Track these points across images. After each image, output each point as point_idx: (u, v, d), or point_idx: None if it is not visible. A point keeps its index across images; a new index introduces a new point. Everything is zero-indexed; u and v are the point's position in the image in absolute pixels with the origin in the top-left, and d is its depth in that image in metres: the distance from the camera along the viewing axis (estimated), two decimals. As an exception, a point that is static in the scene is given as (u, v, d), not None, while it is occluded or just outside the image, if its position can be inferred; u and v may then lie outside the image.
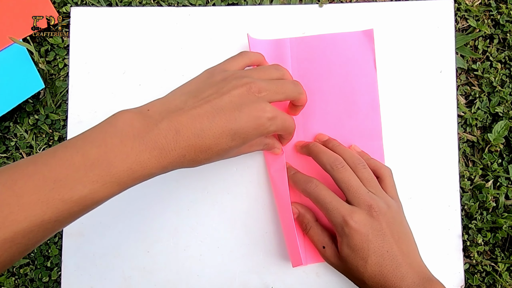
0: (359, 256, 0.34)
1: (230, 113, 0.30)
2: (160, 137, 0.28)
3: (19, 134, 0.42)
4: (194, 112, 0.29)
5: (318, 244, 0.38)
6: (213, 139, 0.30)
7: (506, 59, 0.43)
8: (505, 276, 0.41)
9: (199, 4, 0.43)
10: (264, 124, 0.31)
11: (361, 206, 0.35)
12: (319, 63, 0.42)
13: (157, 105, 0.30)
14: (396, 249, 0.34)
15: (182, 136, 0.29)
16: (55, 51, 0.42)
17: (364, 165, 0.37)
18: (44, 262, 0.41)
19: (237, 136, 0.30)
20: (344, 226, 0.34)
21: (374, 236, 0.34)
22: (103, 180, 0.26)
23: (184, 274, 0.41)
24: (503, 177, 0.42)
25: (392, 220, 0.35)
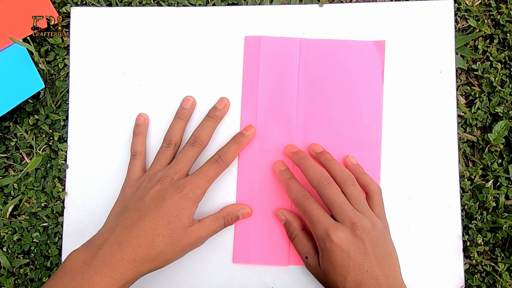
0: (338, 272, 0.34)
1: (156, 205, 0.35)
2: (105, 256, 0.32)
3: (19, 134, 0.42)
4: (128, 223, 0.34)
5: (301, 253, 0.38)
6: (152, 231, 0.34)
7: (506, 59, 0.43)
8: (505, 276, 0.41)
9: (199, 4, 0.43)
10: (188, 196, 0.36)
11: (345, 223, 0.35)
12: (327, 67, 0.42)
13: (98, 233, 0.35)
14: (377, 269, 0.34)
15: (124, 245, 0.33)
16: (55, 51, 0.42)
17: (353, 182, 0.38)
18: (44, 262, 0.41)
19: (171, 218, 0.35)
20: (326, 240, 0.34)
21: (356, 254, 0.34)
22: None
23: (184, 274, 0.41)
24: (503, 177, 0.42)
25: (376, 239, 0.35)
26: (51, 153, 0.42)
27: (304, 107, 0.41)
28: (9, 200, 0.42)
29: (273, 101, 0.41)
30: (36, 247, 0.41)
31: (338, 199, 0.36)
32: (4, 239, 0.41)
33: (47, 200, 0.42)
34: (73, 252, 0.33)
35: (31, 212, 0.42)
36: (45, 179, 0.42)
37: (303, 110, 0.41)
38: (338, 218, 0.35)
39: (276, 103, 0.41)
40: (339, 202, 0.36)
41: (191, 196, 0.36)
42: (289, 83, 0.41)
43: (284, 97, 0.41)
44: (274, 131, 0.41)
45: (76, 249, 0.34)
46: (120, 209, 0.36)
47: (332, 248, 0.34)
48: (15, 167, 0.42)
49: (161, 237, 0.34)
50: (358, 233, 0.34)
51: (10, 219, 0.42)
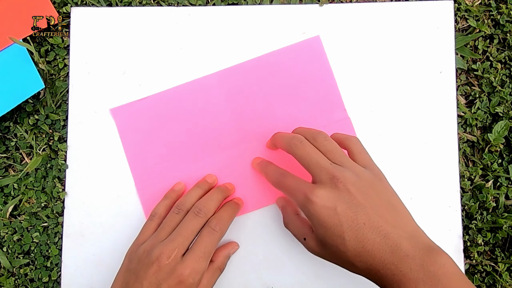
0: (335, 235, 0.30)
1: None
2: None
3: (19, 134, 0.42)
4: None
5: (299, 237, 0.35)
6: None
7: (506, 59, 0.43)
8: (505, 276, 0.41)
9: (199, 4, 0.43)
10: (189, 284, 0.33)
11: (324, 180, 0.31)
12: (255, 88, 0.42)
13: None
14: (376, 219, 0.30)
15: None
16: (55, 51, 0.42)
17: (325, 137, 0.34)
18: (44, 262, 0.41)
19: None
20: (307, 204, 0.31)
21: (344, 209, 0.30)
22: None
23: (184, 274, 0.41)
24: (503, 177, 0.42)
25: (364, 189, 0.31)
26: (51, 153, 0.42)
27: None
28: (9, 200, 0.42)
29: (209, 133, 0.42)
30: (36, 247, 0.41)
31: (313, 156, 0.33)
32: (4, 239, 0.41)
33: (47, 200, 0.42)
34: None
35: (31, 212, 0.41)
36: (45, 179, 0.42)
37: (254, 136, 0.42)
38: (316, 177, 0.32)
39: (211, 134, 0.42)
40: (315, 159, 0.33)
41: (190, 282, 0.33)
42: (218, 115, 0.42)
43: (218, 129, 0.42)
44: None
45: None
46: (123, 282, 0.35)
47: (315, 210, 0.31)
48: (15, 167, 0.42)
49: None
50: (340, 186, 0.31)
51: (10, 219, 0.42)
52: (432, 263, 0.28)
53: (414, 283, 0.28)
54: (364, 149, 0.35)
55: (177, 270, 0.33)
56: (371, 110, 0.42)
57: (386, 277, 0.29)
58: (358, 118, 0.42)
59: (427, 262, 0.28)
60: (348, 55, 0.42)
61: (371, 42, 0.42)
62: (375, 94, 0.42)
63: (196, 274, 0.34)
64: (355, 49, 0.42)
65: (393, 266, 0.28)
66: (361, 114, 0.42)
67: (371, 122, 0.42)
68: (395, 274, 0.28)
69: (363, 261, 0.29)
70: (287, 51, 0.42)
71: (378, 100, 0.42)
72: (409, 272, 0.28)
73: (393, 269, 0.28)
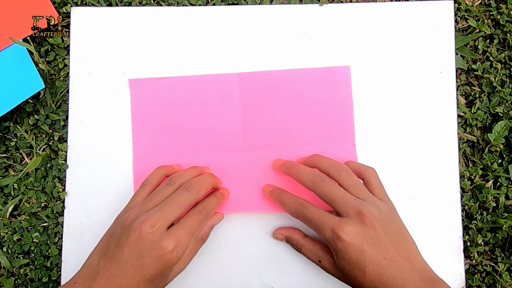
0: (356, 268, 0.32)
1: (135, 263, 0.32)
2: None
3: (19, 134, 0.42)
4: (108, 274, 0.32)
5: (313, 259, 0.37)
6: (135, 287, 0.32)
7: (506, 59, 0.43)
8: (505, 276, 0.41)
9: (199, 4, 0.43)
10: (171, 258, 0.32)
11: (351, 215, 0.33)
12: (273, 97, 0.42)
13: (82, 274, 0.33)
14: (394, 254, 0.32)
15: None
16: (55, 51, 0.42)
17: (348, 171, 0.36)
18: (44, 262, 0.41)
19: (155, 277, 0.32)
20: (336, 240, 0.33)
21: (369, 245, 0.32)
22: None
23: (184, 274, 0.41)
24: (503, 177, 0.42)
25: (385, 224, 0.33)
26: (51, 153, 0.42)
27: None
28: (9, 200, 0.42)
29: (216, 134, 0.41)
30: (36, 247, 0.41)
31: (337, 192, 0.35)
32: (4, 239, 0.41)
33: (47, 200, 0.42)
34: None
35: (31, 212, 0.41)
36: (45, 179, 0.42)
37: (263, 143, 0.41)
38: (342, 212, 0.34)
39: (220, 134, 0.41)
40: (339, 196, 0.34)
41: (174, 256, 0.32)
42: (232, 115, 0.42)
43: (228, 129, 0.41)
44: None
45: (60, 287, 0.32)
46: (104, 246, 0.34)
47: (344, 246, 0.32)
48: (15, 167, 0.42)
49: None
50: (367, 221, 0.33)
51: (10, 219, 0.42)
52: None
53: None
54: (381, 182, 0.38)
55: (162, 241, 0.32)
56: (371, 110, 0.42)
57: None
58: (358, 118, 0.42)
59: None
60: (348, 55, 0.42)
61: (371, 42, 0.42)
62: (375, 94, 0.42)
63: (180, 248, 0.33)
64: (355, 49, 0.42)
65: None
66: (361, 114, 0.42)
67: (371, 122, 0.42)
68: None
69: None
70: (315, 72, 0.42)
71: (378, 100, 0.42)
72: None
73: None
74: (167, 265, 0.32)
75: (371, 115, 0.42)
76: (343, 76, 0.42)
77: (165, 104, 0.41)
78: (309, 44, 0.42)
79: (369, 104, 0.42)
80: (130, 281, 0.31)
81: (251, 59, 0.42)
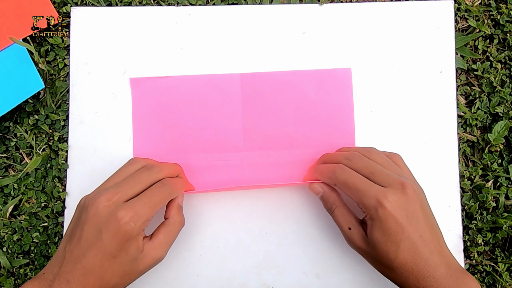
0: (391, 241, 0.31)
1: (94, 239, 0.31)
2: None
3: (19, 134, 0.42)
4: (73, 256, 0.31)
5: (343, 225, 0.35)
6: (98, 268, 0.31)
7: (506, 59, 0.43)
8: (505, 276, 0.41)
9: (199, 4, 0.43)
10: (128, 229, 0.31)
11: (394, 186, 0.32)
12: (273, 99, 0.41)
13: (51, 263, 0.32)
14: (429, 235, 0.31)
15: (73, 283, 0.30)
16: (55, 51, 0.42)
17: (377, 151, 0.36)
18: (44, 262, 0.41)
19: (116, 253, 0.31)
20: (378, 208, 0.31)
21: (409, 220, 0.31)
22: None
23: (184, 274, 0.41)
24: (503, 177, 0.42)
25: (424, 203, 0.33)
26: (51, 153, 0.42)
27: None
28: (9, 200, 0.42)
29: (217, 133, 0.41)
30: (36, 247, 0.41)
31: (375, 166, 0.34)
32: (4, 239, 0.41)
33: (47, 200, 0.42)
34: (26, 285, 0.31)
35: (31, 212, 0.41)
36: (45, 179, 0.42)
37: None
38: (384, 183, 0.33)
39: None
40: (379, 168, 0.34)
41: (132, 227, 0.31)
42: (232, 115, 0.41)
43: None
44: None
45: (29, 281, 0.31)
46: (68, 231, 0.33)
47: (385, 215, 0.31)
48: (15, 167, 0.42)
49: (110, 273, 0.31)
50: (408, 195, 0.32)
51: (10, 219, 0.42)
52: (465, 283, 0.31)
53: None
54: (406, 165, 0.37)
55: (117, 212, 0.31)
56: (371, 110, 0.42)
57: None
58: (358, 118, 0.42)
59: (462, 281, 0.31)
60: (348, 54, 0.42)
61: (371, 42, 0.42)
62: (375, 94, 0.42)
63: (138, 219, 0.31)
64: (355, 49, 0.42)
65: (433, 279, 0.30)
66: (361, 114, 0.42)
67: (371, 122, 0.42)
68: (434, 287, 0.30)
69: (406, 270, 0.31)
70: (316, 74, 0.42)
71: (378, 100, 0.42)
72: (447, 287, 0.30)
73: (433, 282, 0.30)
74: (125, 237, 0.31)
75: (371, 115, 0.42)
76: (345, 78, 0.42)
77: (166, 104, 0.41)
78: (309, 44, 0.42)
79: (369, 104, 0.42)
80: (93, 260, 0.30)
81: (251, 59, 0.42)
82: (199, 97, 0.41)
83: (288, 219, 0.41)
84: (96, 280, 0.31)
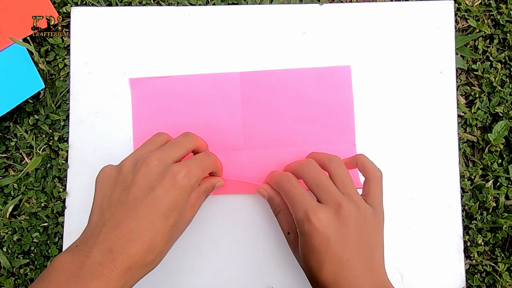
0: (315, 259, 0.31)
1: (146, 198, 0.29)
2: (95, 266, 0.27)
3: (19, 134, 0.42)
4: (115, 221, 0.28)
5: (284, 229, 0.36)
6: (149, 231, 0.28)
7: (506, 59, 0.43)
8: (505, 276, 0.41)
9: (199, 4, 0.43)
10: (184, 185, 0.30)
11: (330, 204, 0.31)
12: (272, 97, 0.41)
13: (83, 235, 0.29)
14: (357, 259, 0.30)
15: (117, 251, 0.27)
16: (55, 51, 0.42)
17: (340, 164, 0.34)
18: (44, 262, 0.41)
19: (170, 212, 0.29)
20: (305, 222, 0.31)
21: (336, 240, 0.30)
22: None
23: (184, 274, 0.41)
24: (503, 177, 0.42)
25: (362, 227, 0.31)
26: (51, 153, 0.42)
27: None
28: (9, 200, 0.42)
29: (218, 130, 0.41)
30: (36, 247, 0.41)
31: (324, 180, 0.33)
32: (4, 239, 0.41)
33: (47, 200, 0.42)
34: (58, 258, 0.27)
35: (31, 212, 0.41)
36: (45, 179, 0.42)
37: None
38: (322, 199, 0.32)
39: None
40: (325, 183, 0.32)
41: (186, 184, 0.30)
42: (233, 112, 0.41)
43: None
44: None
45: (61, 254, 0.28)
46: (104, 199, 0.30)
47: (311, 231, 0.30)
48: (15, 167, 0.42)
49: (160, 237, 0.28)
50: (342, 216, 0.30)
51: (10, 219, 0.42)
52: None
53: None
54: (381, 189, 0.35)
55: (173, 168, 0.30)
56: (371, 110, 0.42)
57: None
58: (358, 118, 0.42)
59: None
60: (348, 54, 0.42)
61: (371, 42, 0.42)
62: (375, 94, 0.42)
63: (192, 176, 0.30)
64: (355, 49, 0.42)
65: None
66: (361, 114, 0.42)
67: (371, 122, 0.42)
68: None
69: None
70: (315, 72, 0.42)
71: (378, 100, 0.42)
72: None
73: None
74: (181, 194, 0.29)
75: (371, 115, 0.42)
76: (344, 75, 0.42)
77: (166, 103, 0.41)
78: (309, 44, 0.42)
79: (369, 104, 0.42)
80: (143, 221, 0.28)
81: (251, 59, 0.42)
82: (199, 97, 0.41)
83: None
84: (144, 246, 0.28)
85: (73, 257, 0.27)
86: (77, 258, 0.27)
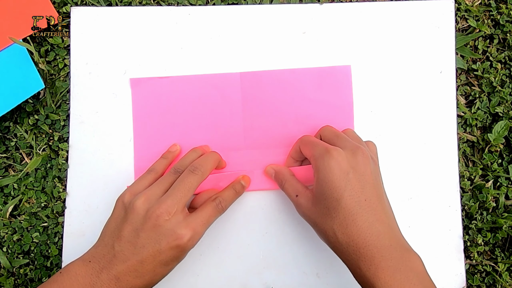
0: (333, 196, 0.30)
1: (152, 248, 0.32)
2: (103, 286, 0.32)
3: (19, 134, 0.42)
4: (124, 257, 0.32)
5: (292, 194, 0.36)
6: (151, 273, 0.33)
7: (506, 59, 0.43)
8: (505, 276, 0.41)
9: (199, 4, 0.43)
10: (187, 246, 0.33)
11: (347, 146, 0.33)
12: (272, 97, 0.42)
13: (97, 254, 0.33)
14: (376, 202, 0.30)
15: (123, 281, 0.32)
16: (55, 51, 0.42)
17: (353, 131, 0.39)
18: (44, 262, 0.41)
19: (171, 262, 0.34)
20: (325, 156, 0.32)
21: (355, 177, 0.31)
22: None
23: (184, 274, 0.41)
24: (503, 177, 0.42)
25: (376, 174, 0.32)
26: (51, 153, 0.42)
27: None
28: (9, 200, 0.42)
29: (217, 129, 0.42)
30: (36, 247, 0.41)
31: (342, 134, 0.36)
32: (4, 239, 0.41)
33: (47, 200, 0.42)
34: (73, 268, 0.32)
35: (31, 212, 0.41)
36: (45, 179, 0.42)
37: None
38: (341, 145, 0.34)
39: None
40: (343, 135, 0.36)
41: (190, 245, 0.34)
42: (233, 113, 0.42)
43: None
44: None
45: (76, 263, 0.33)
46: (115, 227, 0.34)
47: (330, 164, 0.31)
48: (15, 167, 0.42)
49: (160, 276, 0.34)
50: (360, 156, 0.32)
51: (10, 219, 0.42)
52: (410, 259, 0.30)
53: (392, 270, 0.28)
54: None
55: (180, 230, 0.33)
56: (371, 110, 0.42)
57: (365, 258, 0.29)
58: (358, 118, 0.42)
59: (406, 257, 0.29)
60: (348, 54, 0.42)
61: (371, 41, 0.42)
62: (375, 94, 0.42)
63: (196, 238, 0.34)
64: (355, 49, 0.42)
65: (375, 249, 0.29)
66: (361, 114, 0.42)
67: (371, 122, 0.42)
68: (375, 257, 0.29)
69: (347, 234, 0.30)
70: (316, 72, 0.42)
71: (378, 100, 0.42)
72: (389, 259, 0.29)
73: (374, 252, 0.29)
74: (183, 252, 0.34)
75: (371, 115, 0.42)
76: (344, 75, 0.42)
77: (166, 104, 0.41)
78: (309, 44, 0.42)
79: (369, 104, 0.42)
80: (147, 266, 0.32)
81: (251, 59, 0.42)
82: (199, 97, 0.41)
83: (288, 219, 0.41)
84: (144, 282, 0.33)
85: (87, 272, 0.32)
86: (89, 274, 0.32)
